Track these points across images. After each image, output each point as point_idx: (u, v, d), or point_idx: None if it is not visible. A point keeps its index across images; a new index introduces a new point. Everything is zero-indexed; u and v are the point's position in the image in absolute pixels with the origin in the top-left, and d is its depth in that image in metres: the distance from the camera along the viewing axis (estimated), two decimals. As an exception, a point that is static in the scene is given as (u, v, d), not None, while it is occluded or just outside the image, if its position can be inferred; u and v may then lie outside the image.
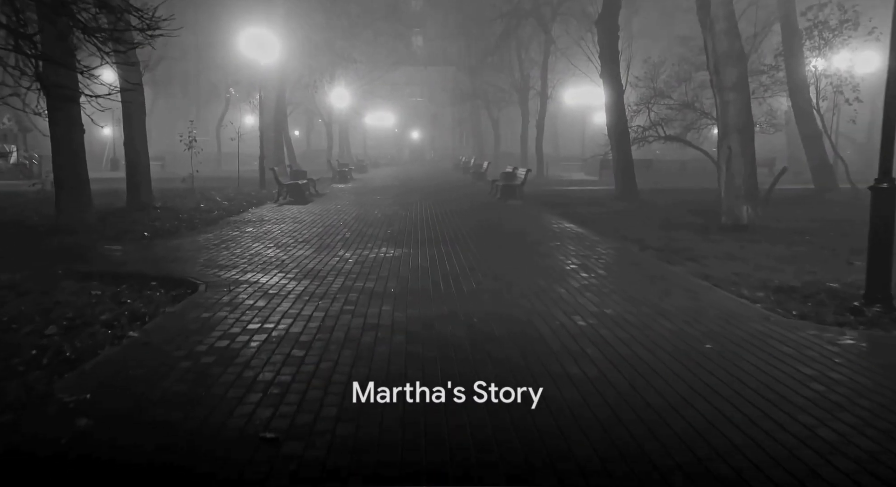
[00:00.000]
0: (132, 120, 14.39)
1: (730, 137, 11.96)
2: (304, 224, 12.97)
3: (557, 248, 9.90)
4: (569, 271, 8.02)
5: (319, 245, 10.17)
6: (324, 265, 8.35)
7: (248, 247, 9.90)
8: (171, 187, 21.45)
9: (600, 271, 7.99)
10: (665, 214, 14.74)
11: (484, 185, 25.99)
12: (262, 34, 21.67)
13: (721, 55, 11.85)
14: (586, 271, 7.95)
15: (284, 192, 18.34)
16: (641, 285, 7.10)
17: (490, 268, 8.13)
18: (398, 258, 8.94)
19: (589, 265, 8.40)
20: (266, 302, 6.23)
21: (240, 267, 8.13)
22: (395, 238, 10.99)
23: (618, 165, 18.53)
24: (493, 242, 10.58)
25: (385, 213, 15.30)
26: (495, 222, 13.60)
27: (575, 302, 6.29)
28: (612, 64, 18.42)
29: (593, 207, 16.33)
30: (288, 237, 11.03)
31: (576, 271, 8.02)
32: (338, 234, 11.58)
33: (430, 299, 6.45)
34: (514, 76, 36.16)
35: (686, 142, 21.16)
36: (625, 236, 11.11)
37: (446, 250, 9.59)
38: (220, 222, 13.36)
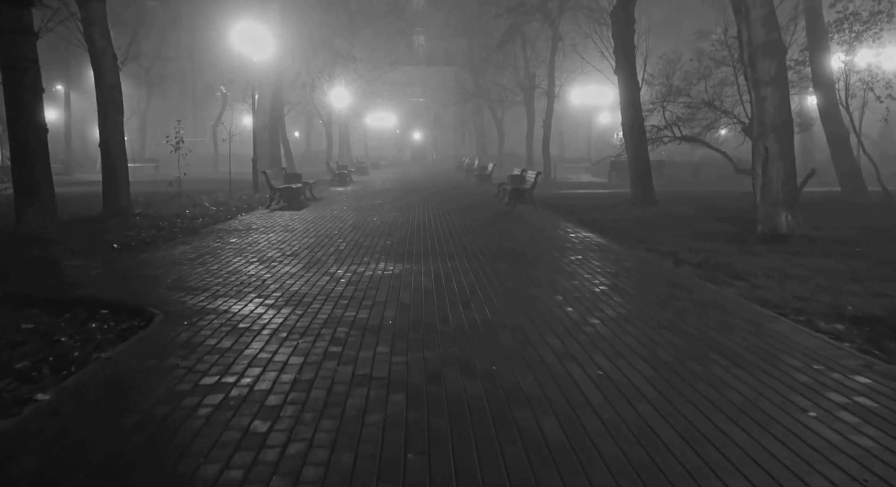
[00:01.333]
0: (108, 117, 13.19)
1: (766, 137, 10.74)
2: (296, 234, 11.76)
3: (580, 263, 8.68)
4: (599, 294, 6.81)
5: (309, 260, 8.96)
6: (311, 287, 7.14)
7: (228, 262, 8.69)
8: (157, 191, 20.30)
9: (636, 294, 6.77)
10: (689, 221, 13.53)
11: (489, 188, 24.78)
12: (254, 29, 20.49)
13: (757, 46, 10.62)
14: (620, 295, 6.73)
15: (277, 197, 17.15)
16: (692, 316, 5.88)
17: (506, 290, 6.92)
18: (398, 277, 7.73)
19: (621, 286, 7.18)
20: (232, 341, 5.02)
21: (212, 290, 6.91)
22: (396, 251, 9.78)
23: (634, 167, 17.31)
24: (506, 255, 9.36)
25: (385, 220, 14.10)
26: (506, 230, 12.39)
27: (617, 341, 5.07)
28: (627, 59, 17.22)
29: (610, 213, 15.11)
30: (275, 250, 9.82)
31: (607, 294, 6.80)
32: (331, 245, 10.37)
33: (436, 335, 5.24)
34: (519, 75, 34.94)
35: (704, 143, 19.97)
36: (652, 248, 9.90)
37: (453, 267, 8.38)
38: (203, 230, 12.16)
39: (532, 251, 9.71)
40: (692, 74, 18.91)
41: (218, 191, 21.32)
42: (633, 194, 17.32)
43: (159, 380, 4.16)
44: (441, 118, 65.67)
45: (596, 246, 10.31)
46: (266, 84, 26.41)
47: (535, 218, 14.44)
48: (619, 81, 17.51)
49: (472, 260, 8.86)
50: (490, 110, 45.37)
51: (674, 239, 10.89)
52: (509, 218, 14.53)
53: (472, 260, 8.86)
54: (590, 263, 8.71)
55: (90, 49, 13.12)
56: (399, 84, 49.92)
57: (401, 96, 56.38)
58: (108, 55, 13.14)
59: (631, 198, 17.36)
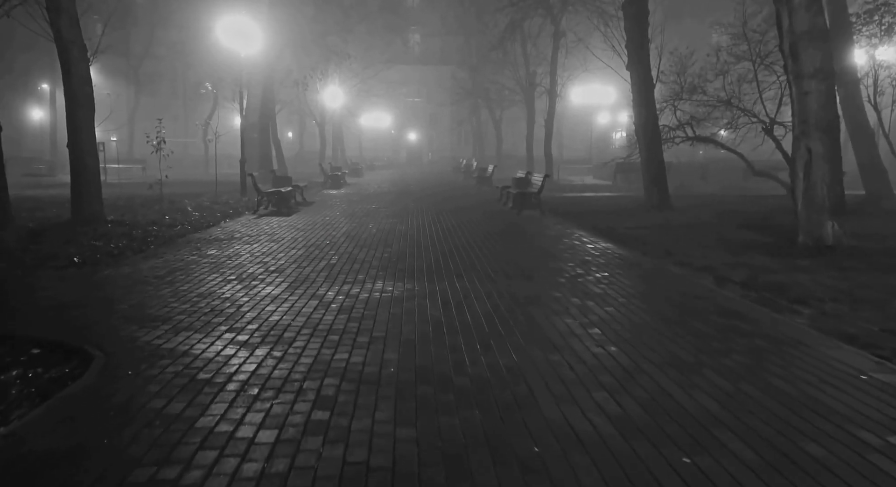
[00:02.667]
0: (76, 115, 11.96)
1: (809, 137, 9.59)
2: (283, 244, 10.56)
3: (609, 283, 7.51)
4: (642, 326, 5.64)
5: (296, 278, 7.77)
6: (295, 316, 5.94)
7: (201, 281, 7.49)
8: (138, 194, 19.06)
9: (688, 326, 5.59)
10: (713, 228, 12.38)
11: (490, 190, 23.63)
12: (241, 22, 19.26)
13: (800, 34, 9.47)
14: (667, 326, 5.56)
15: (265, 201, 15.94)
16: (772, 361, 4.70)
17: (530, 322, 5.74)
18: (399, 302, 6.54)
19: (666, 314, 6.00)
20: (185, 404, 3.82)
21: (174, 320, 5.72)
22: (394, 266, 8.60)
23: (648, 169, 16.16)
24: (521, 272, 8.19)
25: (382, 227, 12.91)
26: (516, 241, 11.22)
27: (691, 403, 3.88)
28: (640, 54, 16.06)
29: (624, 219, 13.95)
30: (257, 265, 8.62)
31: (652, 326, 5.63)
32: (322, 258, 9.18)
33: (451, 392, 4.05)
34: (518, 73, 33.78)
35: (719, 144, 18.88)
36: (684, 262, 8.74)
37: (462, 288, 7.20)
38: (180, 240, 10.95)
39: (550, 267, 8.53)
40: (708, 71, 17.77)
41: (203, 194, 20.10)
42: (648, 198, 16.17)
43: (69, 477, 2.96)
44: (437, 118, 64.49)
45: (620, 260, 9.14)
46: (255, 81, 25.18)
47: (544, 226, 13.27)
48: (631, 77, 16.37)
49: (484, 279, 7.68)
50: (488, 110, 44.17)
51: (704, 250, 9.74)
52: (517, 226, 13.36)
53: (484, 279, 7.68)
54: (619, 281, 7.54)
55: (57, 40, 11.91)
56: (394, 83, 48.69)
57: (396, 96, 55.15)
58: (77, 47, 11.92)
59: (645, 203, 16.21)
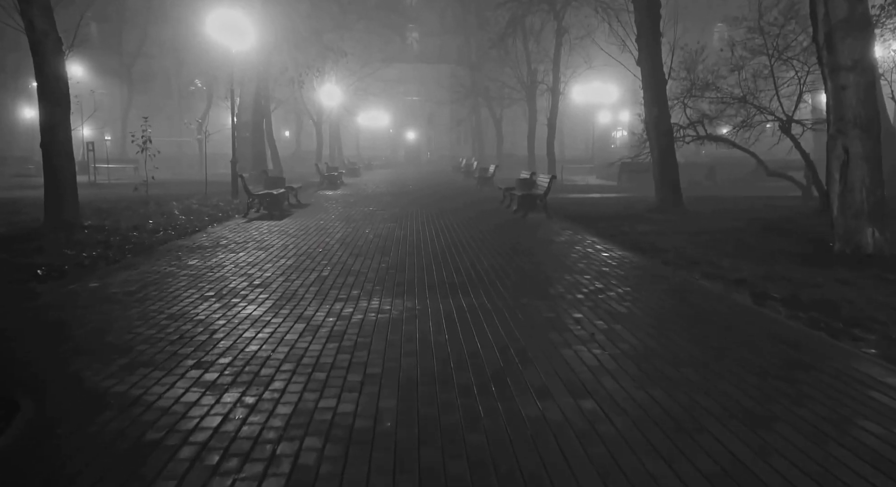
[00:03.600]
0: (50, 113, 11.10)
1: (847, 136, 8.77)
2: (271, 252, 9.72)
3: (633, 300, 6.67)
4: (683, 357, 4.80)
5: (282, 294, 6.93)
6: (276, 345, 5.10)
7: (175, 299, 6.65)
8: (124, 196, 18.21)
9: (739, 360, 4.75)
10: (735, 234, 11.54)
11: (491, 191, 22.79)
12: (232, 16, 18.40)
13: (838, 22, 8.65)
14: (715, 358, 4.72)
15: (255, 204, 15.09)
16: (852, 407, 3.88)
17: (552, 353, 4.90)
18: (397, 324, 5.70)
19: (710, 343, 5.16)
20: (118, 485, 2.98)
21: (134, 351, 4.87)
22: (393, 278, 7.76)
23: (660, 170, 15.32)
24: (533, 286, 7.35)
25: (379, 232, 12.07)
26: (524, 247, 10.38)
27: (780, 483, 3.06)
28: (652, 48, 15.22)
29: (637, 223, 13.12)
30: (240, 278, 7.78)
31: (698, 359, 4.79)
32: (313, 269, 8.34)
33: (462, 460, 3.21)
34: (520, 70, 32.92)
35: (731, 142, 18.06)
36: (713, 274, 7.90)
37: (468, 305, 6.36)
38: (161, 247, 10.10)
39: (565, 280, 7.69)
40: (721, 66, 16.95)
41: (193, 196, 19.25)
42: (660, 200, 15.33)
43: None
44: (436, 118, 63.65)
45: (641, 271, 8.31)
46: (249, 79, 24.32)
47: (552, 230, 12.43)
48: (642, 73, 15.53)
49: (492, 294, 6.84)
50: (489, 109, 43.31)
51: (731, 260, 8.90)
52: (523, 230, 12.52)
53: (492, 294, 6.84)
54: (645, 298, 6.70)
55: (28, 31, 11.07)
56: (392, 81, 47.87)
57: (394, 95, 54.32)
58: (51, 40, 11.07)
59: (656, 205, 15.37)
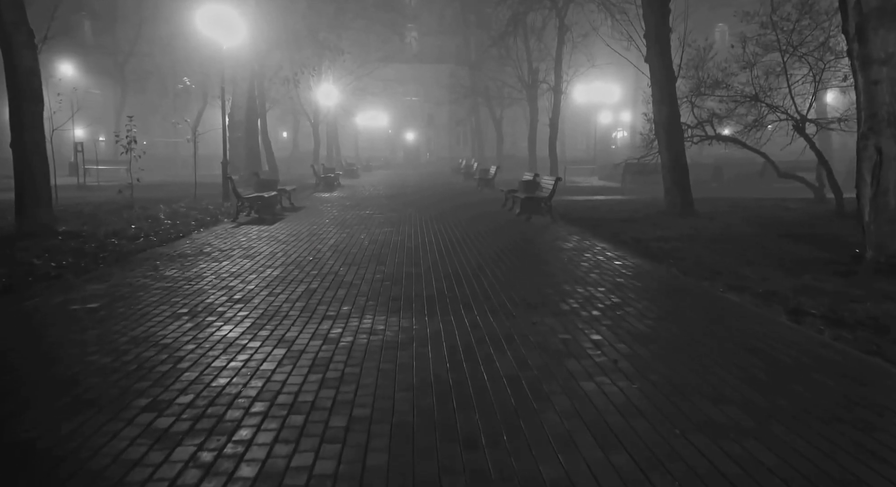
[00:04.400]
0: (22, 110, 10.39)
1: (880, 134, 8.06)
2: (257, 261, 9.01)
3: (656, 317, 5.96)
4: (725, 394, 4.10)
5: (263, 311, 6.22)
6: (249, 376, 4.40)
7: (143, 316, 5.94)
8: (110, 199, 17.49)
9: (794, 398, 4.06)
10: (753, 240, 10.85)
11: (493, 194, 22.09)
12: (222, 12, 17.69)
13: (870, 12, 7.95)
14: (763, 394, 4.02)
15: (246, 207, 14.38)
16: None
17: (572, 387, 4.20)
18: (392, 350, 5.00)
19: (754, 374, 4.46)
20: None
21: (79, 387, 4.16)
22: (389, 292, 7.05)
23: (670, 171, 14.61)
24: (545, 300, 6.64)
25: (375, 238, 11.36)
26: (531, 255, 9.68)
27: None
28: (660, 44, 14.51)
29: (647, 228, 12.42)
30: (220, 291, 7.07)
31: (743, 395, 4.08)
32: (301, 281, 7.64)
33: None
34: (521, 70, 32.22)
35: (741, 143, 17.40)
36: (739, 286, 7.20)
37: (472, 325, 5.66)
38: (139, 256, 9.39)
39: (578, 294, 6.98)
40: (732, 63, 16.28)
41: (183, 199, 18.54)
42: (669, 203, 14.63)
43: None
44: (435, 118, 62.99)
45: (658, 282, 7.61)
46: (242, 77, 23.60)
47: (559, 236, 11.72)
48: (651, 70, 14.82)
49: (499, 312, 6.13)
50: (488, 109, 42.59)
51: (755, 269, 8.21)
52: (528, 236, 11.82)
53: (499, 312, 6.13)
54: (669, 316, 5.99)
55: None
56: (391, 81, 47.19)
57: (393, 95, 53.63)
58: (22, 31, 10.37)
59: (666, 208, 14.68)
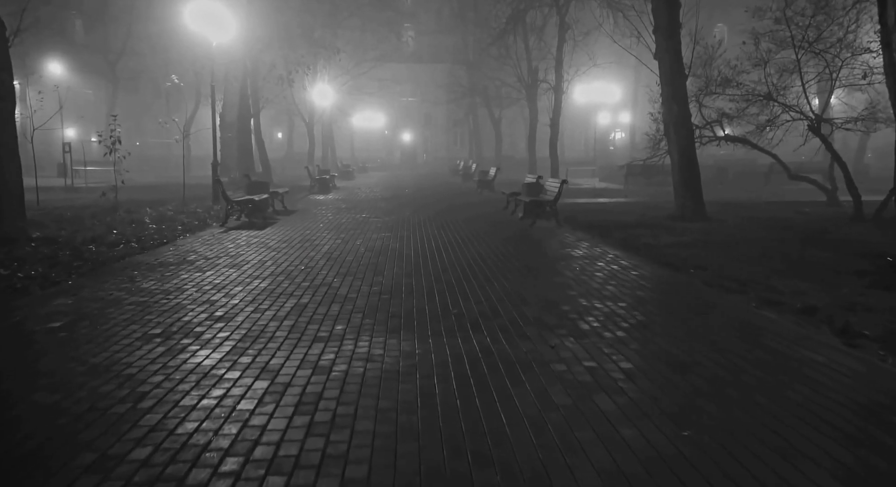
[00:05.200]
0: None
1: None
2: (244, 271, 8.31)
3: (690, 339, 5.28)
4: (820, 456, 3.43)
5: (247, 331, 5.52)
6: (222, 420, 3.70)
7: (108, 340, 5.23)
8: (90, 202, 16.74)
9: (890, 454, 3.39)
10: (773, 246, 10.20)
11: (493, 196, 21.43)
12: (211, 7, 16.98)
13: (912, 1, 7.34)
14: (856, 453, 3.35)
15: (235, 211, 13.67)
16: None
17: (606, 430, 3.52)
18: (392, 382, 4.30)
19: (838, 425, 3.79)
20: None
21: (18, 433, 3.46)
22: (386, 307, 6.35)
23: (681, 173, 13.95)
24: (562, 319, 5.96)
25: (372, 245, 10.67)
26: (541, 265, 8.98)
27: None
28: (670, 41, 13.86)
29: (659, 233, 11.76)
30: (200, 307, 6.37)
31: (836, 458, 3.42)
32: (291, 294, 6.94)
33: None
34: (520, 69, 31.54)
35: (751, 144, 16.77)
36: (773, 300, 6.53)
37: (484, 351, 4.97)
38: (116, 265, 8.68)
39: (597, 310, 6.29)
40: (744, 61, 15.63)
41: (171, 201, 17.81)
42: (679, 206, 13.98)
43: None
44: (432, 119, 62.30)
45: (682, 294, 6.93)
46: (234, 76, 22.88)
47: (567, 242, 11.04)
48: (660, 68, 14.17)
49: (513, 334, 5.44)
50: (487, 109, 41.90)
51: (783, 279, 7.55)
52: (534, 242, 11.14)
53: (513, 334, 5.44)
54: (704, 338, 5.31)
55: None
56: (387, 80, 46.47)
57: (389, 95, 52.93)
58: (-8, 24, 9.65)
59: (676, 212, 14.02)
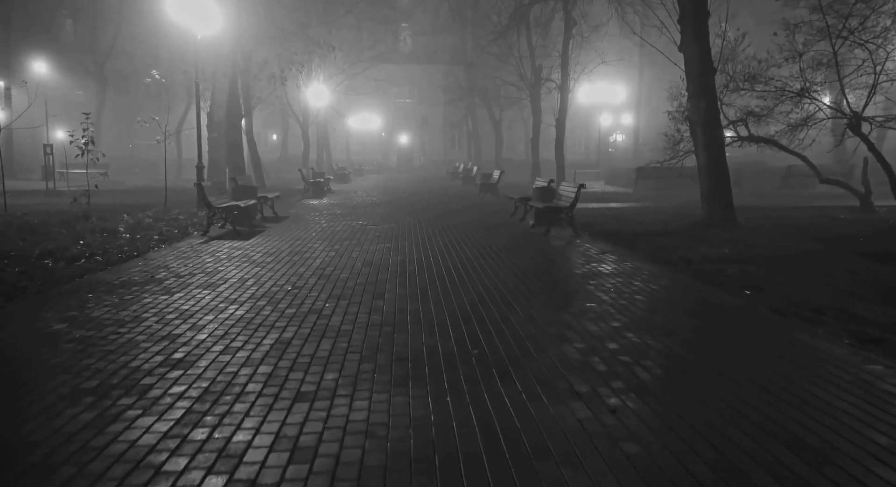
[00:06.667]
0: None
1: None
2: (221, 292, 7.01)
3: (793, 403, 4.02)
4: None
5: (209, 383, 4.23)
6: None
7: (19, 400, 3.94)
8: (63, 209, 15.39)
9: None
10: (829, 261, 8.95)
11: (497, 201, 20.18)
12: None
13: None
14: None
15: (219, 218, 12.37)
16: None
17: None
18: (404, 472, 3.03)
19: None
20: None
21: None
22: (391, 344, 5.05)
23: (709, 176, 12.70)
24: (613, 365, 4.70)
25: (370, 258, 9.38)
26: (567, 284, 7.70)
27: None
28: (698, 30, 12.62)
29: (691, 244, 10.49)
30: (158, 345, 5.06)
31: None
32: (272, 326, 5.65)
33: None
34: (523, 67, 30.30)
35: (779, 145, 15.57)
36: (869, 336, 5.30)
37: (517, 410, 3.69)
38: (70, 284, 7.38)
39: (656, 352, 5.01)
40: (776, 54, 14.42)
41: (152, 207, 16.48)
42: (708, 214, 12.73)
43: None
44: (429, 121, 61.01)
45: (754, 329, 5.66)
46: (222, 72, 21.57)
47: (591, 256, 9.75)
48: (686, 60, 12.95)
49: (557, 388, 4.16)
50: (487, 110, 40.64)
51: (868, 306, 6.33)
52: (552, 255, 9.86)
53: (557, 388, 4.16)
54: (812, 400, 4.05)
55: None
56: (384, 82, 45.17)
57: (386, 96, 51.62)
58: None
59: (704, 219, 12.77)
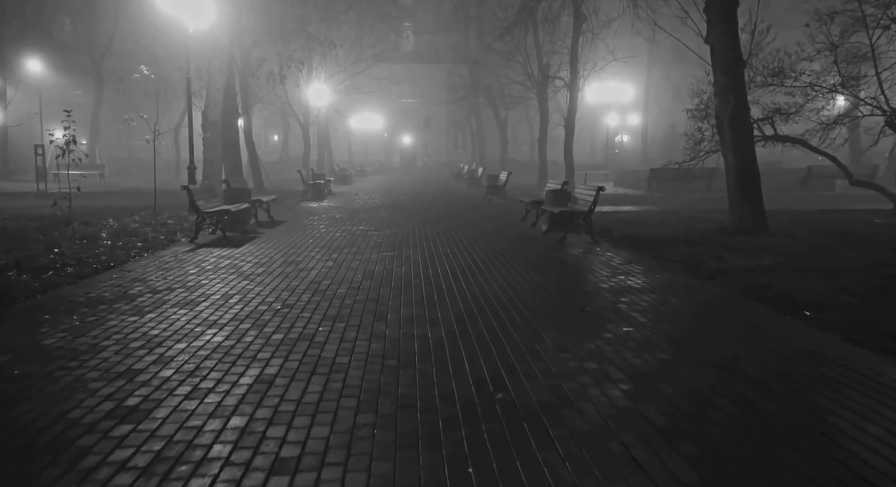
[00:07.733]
0: None
1: None
2: (200, 312, 6.07)
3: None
4: None
5: (164, 444, 3.29)
6: None
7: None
8: (46, 213, 14.46)
9: None
10: (884, 272, 8.00)
11: (504, 203, 19.24)
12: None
13: None
14: None
15: (208, 224, 11.45)
16: None
17: None
18: None
19: None
20: None
21: None
22: (396, 386, 4.11)
23: (738, 178, 11.74)
24: (671, 411, 3.76)
25: (371, 269, 8.44)
26: (596, 303, 6.75)
27: None
28: (727, 21, 11.65)
29: (722, 252, 9.53)
30: (110, 387, 4.13)
31: None
32: (254, 358, 4.72)
33: None
34: (529, 65, 29.33)
35: (808, 146, 14.62)
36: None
37: (557, 478, 2.76)
38: (29, 302, 6.46)
39: (719, 396, 4.05)
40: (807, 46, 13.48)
41: (141, 211, 15.54)
42: (737, 218, 11.77)
43: None
44: (432, 121, 60.12)
45: (826, 360, 4.71)
46: (217, 70, 20.67)
47: (615, 266, 8.80)
48: (712, 54, 12.00)
49: (607, 451, 3.22)
50: (492, 109, 39.67)
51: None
52: (573, 266, 8.91)
53: (607, 451, 3.22)
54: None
55: None
56: (385, 81, 44.27)
57: (388, 96, 50.72)
58: None
59: (732, 224, 11.82)
